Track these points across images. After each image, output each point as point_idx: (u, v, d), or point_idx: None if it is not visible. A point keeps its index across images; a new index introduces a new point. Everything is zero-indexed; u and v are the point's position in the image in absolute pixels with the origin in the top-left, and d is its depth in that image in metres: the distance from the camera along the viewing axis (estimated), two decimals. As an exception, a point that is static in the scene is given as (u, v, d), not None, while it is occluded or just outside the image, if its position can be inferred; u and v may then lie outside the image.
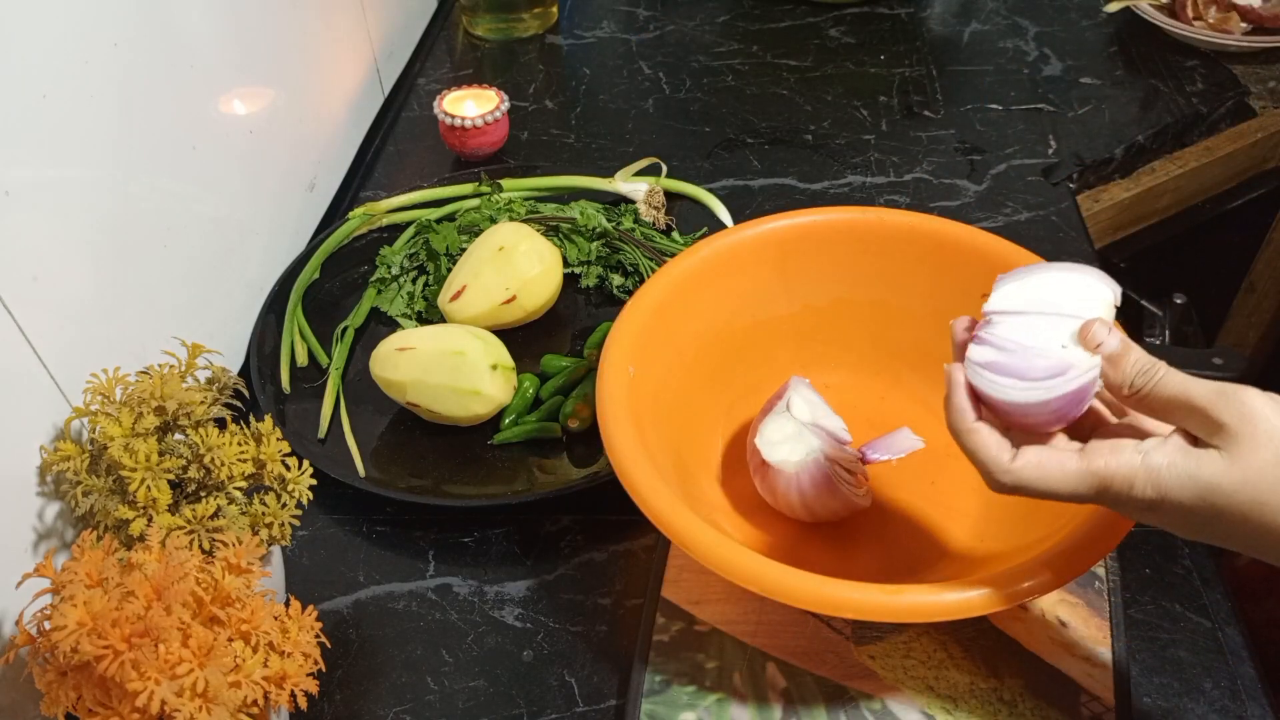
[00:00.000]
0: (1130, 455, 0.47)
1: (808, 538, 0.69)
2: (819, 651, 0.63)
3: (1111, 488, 0.48)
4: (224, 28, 0.80)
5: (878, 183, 1.01)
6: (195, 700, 0.50)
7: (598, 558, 0.72)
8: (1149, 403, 0.48)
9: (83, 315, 0.66)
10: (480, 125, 1.01)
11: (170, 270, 0.75)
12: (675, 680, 0.63)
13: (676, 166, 1.00)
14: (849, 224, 0.75)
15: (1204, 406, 0.46)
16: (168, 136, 0.74)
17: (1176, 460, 0.46)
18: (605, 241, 0.91)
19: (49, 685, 0.52)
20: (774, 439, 0.68)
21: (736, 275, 0.75)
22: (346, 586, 0.71)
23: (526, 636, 0.68)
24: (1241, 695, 0.62)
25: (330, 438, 0.79)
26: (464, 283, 0.84)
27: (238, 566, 0.55)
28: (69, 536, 0.65)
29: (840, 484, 0.67)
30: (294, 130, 0.93)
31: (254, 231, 0.87)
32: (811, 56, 1.19)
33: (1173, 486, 0.46)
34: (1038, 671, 0.62)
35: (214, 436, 0.61)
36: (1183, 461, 0.46)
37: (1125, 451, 0.48)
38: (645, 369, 0.68)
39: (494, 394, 0.77)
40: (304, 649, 0.55)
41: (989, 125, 1.07)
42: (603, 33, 1.25)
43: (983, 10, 1.25)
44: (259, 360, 0.83)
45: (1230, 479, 0.45)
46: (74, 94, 0.63)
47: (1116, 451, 0.48)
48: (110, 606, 0.51)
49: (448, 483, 0.76)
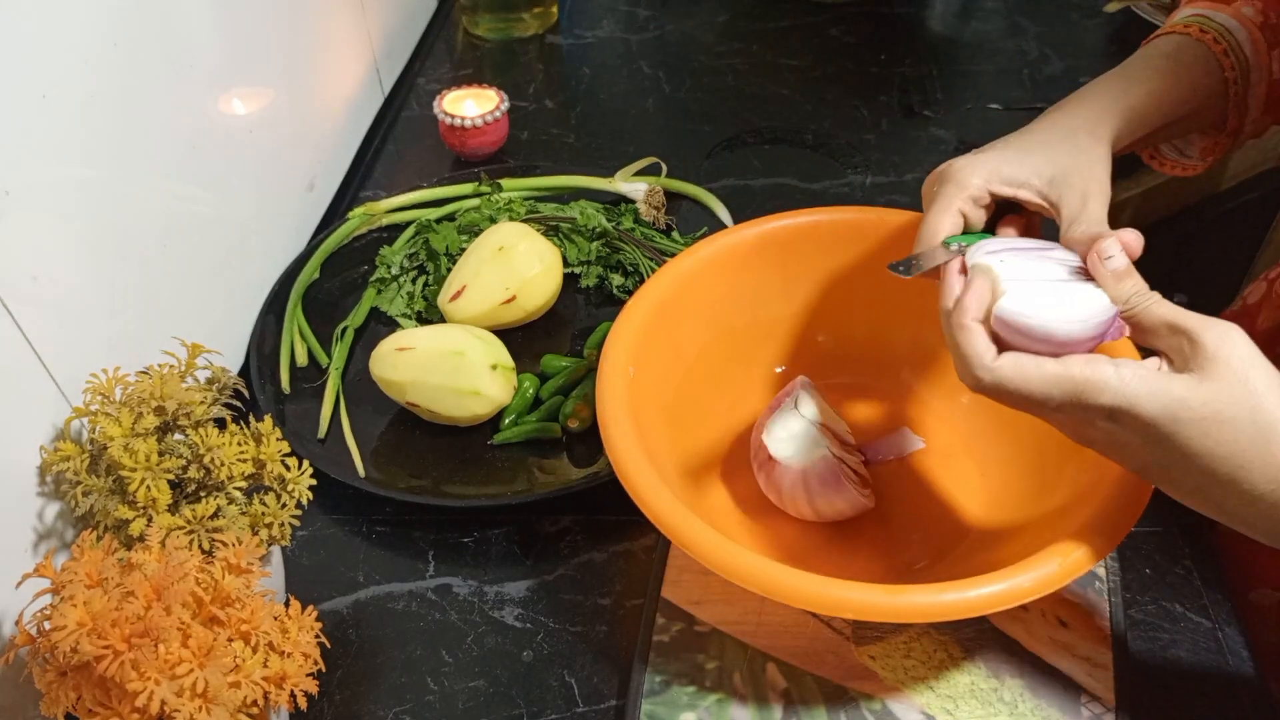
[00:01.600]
0: (1105, 365, 0.50)
1: (809, 538, 0.69)
2: (819, 652, 0.63)
3: (1084, 393, 0.50)
4: (224, 27, 0.80)
5: (878, 183, 1.01)
6: (195, 700, 0.50)
7: (598, 558, 0.72)
8: (1139, 321, 0.52)
9: (83, 315, 0.66)
10: (480, 125, 1.01)
11: (170, 270, 0.75)
12: (675, 681, 0.63)
13: (676, 166, 1.00)
14: (849, 224, 0.75)
15: (1190, 327, 0.49)
16: (168, 136, 0.74)
17: (1148, 375, 0.49)
18: (605, 241, 0.91)
19: (49, 685, 0.52)
20: (781, 436, 0.68)
21: (736, 275, 0.75)
22: (346, 586, 0.71)
23: (526, 637, 0.68)
24: (1241, 695, 0.62)
25: (330, 438, 0.79)
26: (464, 283, 0.84)
27: (238, 566, 0.55)
28: (69, 536, 0.65)
29: (846, 483, 0.67)
30: (294, 130, 0.93)
31: (254, 231, 0.87)
32: (811, 56, 1.19)
33: (1141, 395, 0.49)
34: (1038, 671, 0.62)
35: (214, 436, 0.61)
36: (1154, 377, 0.49)
37: (1101, 362, 0.50)
38: (645, 369, 0.68)
39: (494, 394, 0.77)
40: (304, 649, 0.55)
41: (989, 125, 1.07)
42: (603, 32, 1.25)
43: (983, 10, 1.25)
44: (259, 360, 0.83)
45: (1197, 395, 0.48)
46: (74, 94, 0.63)
47: (1093, 361, 0.51)
48: (110, 606, 0.51)
49: (448, 483, 0.76)
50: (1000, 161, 0.61)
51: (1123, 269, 0.54)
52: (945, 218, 0.61)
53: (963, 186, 0.61)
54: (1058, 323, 0.52)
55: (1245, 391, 0.47)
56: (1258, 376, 0.48)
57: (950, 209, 0.61)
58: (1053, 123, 0.63)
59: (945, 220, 0.60)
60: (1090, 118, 0.62)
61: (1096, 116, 0.62)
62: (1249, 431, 0.47)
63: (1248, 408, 0.47)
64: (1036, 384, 0.51)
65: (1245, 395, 0.47)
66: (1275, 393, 0.48)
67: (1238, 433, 0.48)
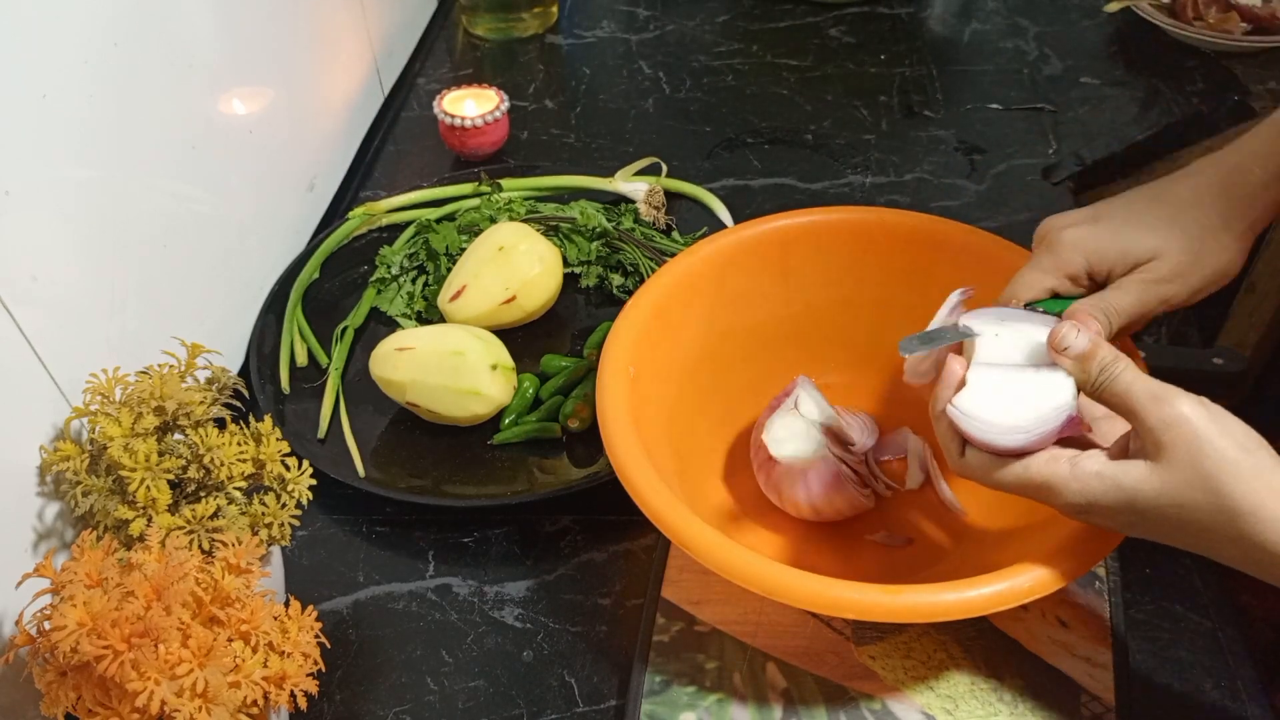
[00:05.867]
0: (1063, 465, 0.51)
1: (809, 537, 0.69)
2: (819, 652, 0.63)
3: (1045, 494, 0.52)
4: (224, 27, 0.80)
5: (878, 183, 1.01)
6: (195, 700, 0.50)
7: (598, 558, 0.72)
8: (1106, 399, 0.52)
9: (83, 315, 0.66)
10: (480, 125, 1.01)
11: (170, 270, 0.75)
12: (675, 680, 0.63)
13: (676, 166, 1.00)
14: (849, 224, 0.75)
15: (1137, 410, 0.50)
16: (167, 136, 0.74)
17: (1103, 470, 0.50)
18: (605, 241, 0.91)
19: (49, 685, 0.52)
20: (781, 436, 0.68)
21: (736, 275, 0.75)
22: (346, 586, 0.71)
23: (526, 637, 0.68)
24: (1241, 695, 0.62)
25: (330, 438, 0.79)
26: (464, 283, 0.84)
27: (237, 566, 0.55)
28: (69, 536, 0.64)
29: (847, 483, 0.67)
30: (294, 130, 0.93)
31: (254, 231, 0.87)
32: (811, 56, 1.19)
33: (1099, 492, 0.50)
34: (1038, 671, 0.61)
35: (214, 436, 0.61)
36: (1108, 471, 0.50)
37: (1060, 461, 0.52)
38: (645, 369, 0.68)
39: (494, 394, 0.77)
40: (304, 649, 0.55)
41: (989, 125, 1.07)
42: (603, 32, 1.25)
43: (983, 10, 1.25)
44: (258, 360, 0.83)
45: (1150, 486, 0.49)
46: (74, 94, 0.63)
47: (1052, 461, 0.52)
48: (110, 607, 0.51)
49: (448, 483, 0.76)
50: (1098, 240, 0.59)
51: (1083, 351, 0.53)
52: (1030, 280, 0.60)
53: (1059, 263, 0.60)
54: (998, 434, 0.53)
55: (1197, 475, 0.47)
56: (1210, 454, 0.47)
57: (1039, 277, 0.60)
58: (1185, 196, 0.59)
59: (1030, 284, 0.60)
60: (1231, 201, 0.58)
61: (1242, 204, 0.58)
62: (1209, 513, 0.48)
63: (1203, 490, 0.47)
64: (999, 483, 0.53)
65: (1198, 479, 0.47)
66: (1230, 469, 0.47)
67: (1197, 515, 0.48)
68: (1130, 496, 0.49)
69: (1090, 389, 0.52)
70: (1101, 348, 0.52)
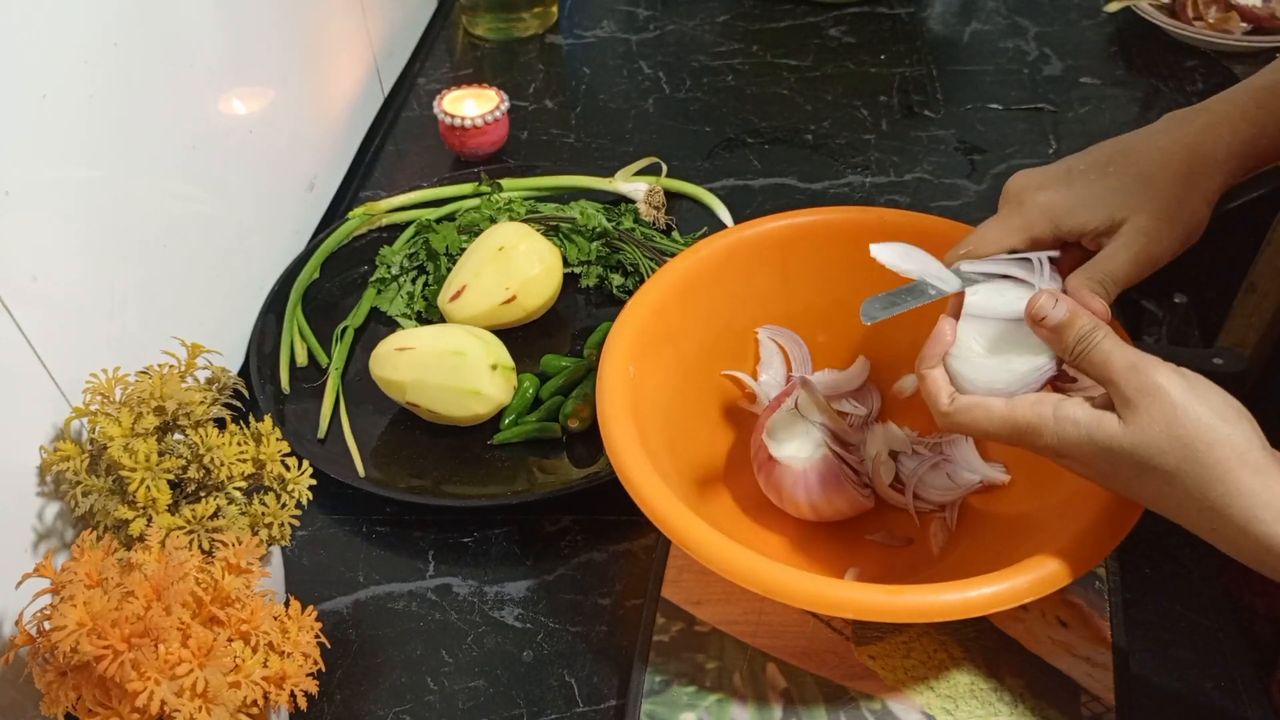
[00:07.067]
0: (1045, 408, 0.53)
1: (810, 537, 0.69)
2: (819, 652, 0.63)
3: (1026, 435, 0.53)
4: (224, 27, 0.80)
5: (878, 183, 1.01)
6: (195, 700, 0.50)
7: (598, 558, 0.72)
8: (1085, 368, 0.53)
9: (83, 315, 0.66)
10: (480, 125, 1.01)
11: (170, 270, 0.75)
12: (675, 680, 0.63)
13: (676, 166, 1.00)
14: (849, 224, 0.75)
15: (1115, 379, 0.51)
16: (168, 136, 0.74)
17: (1080, 418, 0.51)
18: (605, 241, 0.91)
19: (49, 685, 0.52)
20: (781, 436, 0.68)
21: (736, 275, 0.75)
22: (346, 586, 0.71)
23: (526, 637, 0.68)
24: (1241, 695, 0.62)
25: (330, 438, 0.79)
26: (464, 283, 0.84)
27: (237, 567, 0.55)
28: (69, 536, 0.64)
29: (847, 482, 0.67)
30: (293, 130, 0.93)
31: (254, 231, 0.87)
32: (811, 56, 1.19)
33: (1074, 441, 0.51)
34: (1038, 671, 0.61)
35: (214, 436, 0.61)
36: (1085, 420, 0.51)
37: (1045, 404, 0.53)
38: (645, 369, 0.68)
39: (494, 394, 0.77)
40: (304, 649, 0.55)
41: (989, 125, 1.07)
42: (603, 32, 1.25)
43: (983, 10, 1.25)
44: (258, 360, 0.83)
45: (1122, 443, 0.50)
46: (74, 94, 0.63)
47: (1038, 403, 0.53)
48: (110, 607, 0.51)
49: (448, 483, 0.76)
50: (1068, 203, 0.60)
51: (1060, 321, 0.53)
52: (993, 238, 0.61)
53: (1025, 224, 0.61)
54: (985, 384, 0.56)
55: (1171, 443, 0.48)
56: (1185, 423, 0.48)
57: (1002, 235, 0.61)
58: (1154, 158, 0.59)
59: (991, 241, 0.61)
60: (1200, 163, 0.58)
61: (1210, 167, 0.58)
62: (1180, 479, 0.48)
63: (1176, 458, 0.48)
64: (984, 425, 0.55)
65: (1171, 447, 0.48)
66: (1204, 439, 0.48)
67: (1166, 482, 0.49)
68: (1102, 450, 0.50)
69: (1069, 358, 0.53)
70: (1080, 316, 0.53)
